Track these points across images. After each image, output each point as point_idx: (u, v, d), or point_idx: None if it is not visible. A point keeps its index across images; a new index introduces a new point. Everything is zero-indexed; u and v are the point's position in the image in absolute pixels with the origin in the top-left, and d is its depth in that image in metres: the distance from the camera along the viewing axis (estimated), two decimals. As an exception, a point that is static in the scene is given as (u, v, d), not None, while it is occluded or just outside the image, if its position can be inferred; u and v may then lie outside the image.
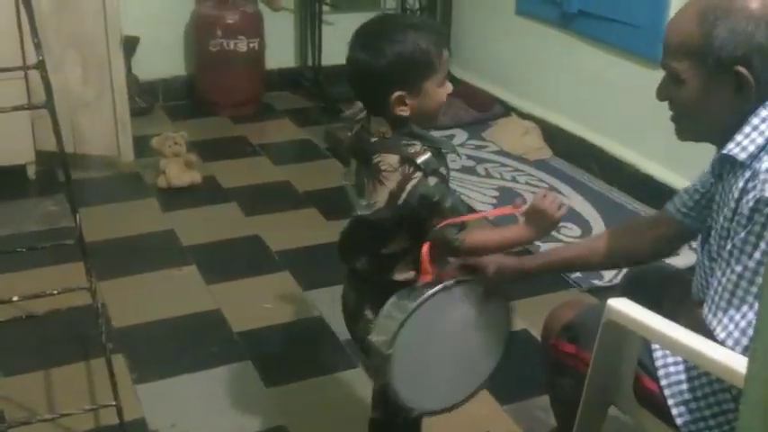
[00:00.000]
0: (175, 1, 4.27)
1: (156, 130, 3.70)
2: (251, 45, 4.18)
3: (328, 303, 2.56)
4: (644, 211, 3.25)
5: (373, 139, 1.54)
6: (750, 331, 1.27)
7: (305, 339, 2.52)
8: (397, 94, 1.48)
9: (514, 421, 2.18)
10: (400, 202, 1.48)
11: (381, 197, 1.50)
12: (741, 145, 1.36)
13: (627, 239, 1.71)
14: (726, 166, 1.42)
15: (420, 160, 1.47)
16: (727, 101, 1.37)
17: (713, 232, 1.42)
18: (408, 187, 1.47)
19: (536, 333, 2.47)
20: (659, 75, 1.47)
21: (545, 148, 3.82)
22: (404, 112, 1.50)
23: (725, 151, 1.38)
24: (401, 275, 1.58)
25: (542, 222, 1.53)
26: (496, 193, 3.40)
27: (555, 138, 3.83)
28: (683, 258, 2.85)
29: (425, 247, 1.48)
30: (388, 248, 1.57)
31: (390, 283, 1.57)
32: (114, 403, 1.93)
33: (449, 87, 1.54)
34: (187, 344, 2.45)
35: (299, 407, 2.21)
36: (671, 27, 1.42)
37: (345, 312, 1.72)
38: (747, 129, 1.36)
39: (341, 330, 2.45)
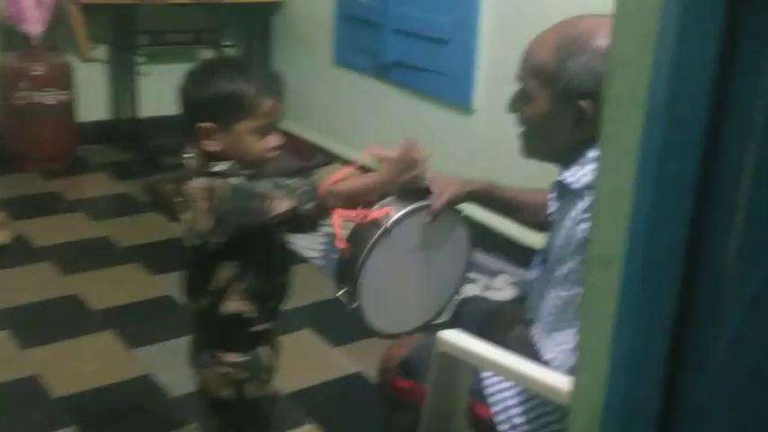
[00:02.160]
0: (-25, 52, 4.04)
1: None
2: (61, 97, 4.02)
3: (157, 360, 2.47)
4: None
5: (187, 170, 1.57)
6: (574, 354, 1.34)
7: (133, 400, 2.40)
8: (204, 124, 1.51)
9: (354, 464, 2.18)
10: (219, 208, 1.48)
11: (201, 218, 1.49)
12: (576, 175, 1.42)
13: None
14: (562, 192, 1.49)
15: (217, 168, 1.52)
16: (568, 129, 1.43)
17: (550, 255, 1.49)
18: (218, 193, 1.49)
19: (368, 375, 2.50)
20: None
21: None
22: (211, 146, 1.52)
23: (560, 178, 1.46)
24: (231, 308, 1.58)
25: (401, 165, 1.58)
26: (324, 239, 3.42)
27: (377, 183, 3.93)
28: (506, 293, 3.00)
29: (335, 216, 1.55)
30: (217, 281, 1.58)
31: (220, 319, 1.58)
32: None
33: (273, 140, 1.55)
34: (2, 415, 2.27)
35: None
36: (533, 45, 1.47)
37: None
38: (583, 160, 1.43)
39: (171, 387, 2.38)
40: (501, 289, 3.05)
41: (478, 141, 3.40)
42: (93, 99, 4.34)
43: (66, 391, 2.38)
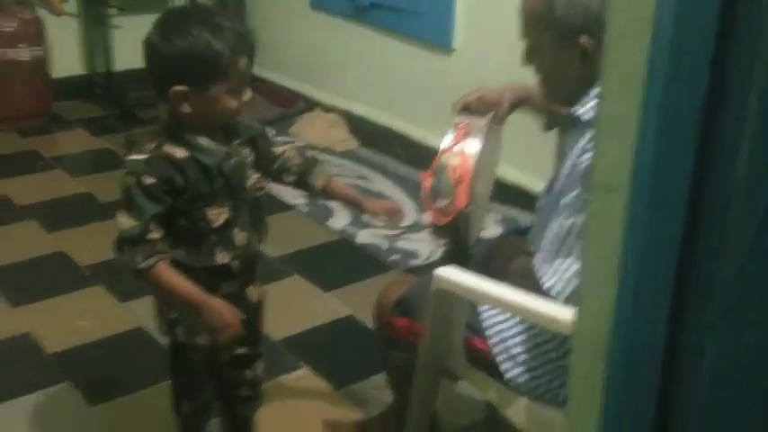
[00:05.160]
0: (-58, 9, 3.93)
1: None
2: (33, 53, 3.93)
3: (148, 313, 2.46)
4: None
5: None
6: (574, 282, 1.36)
7: (126, 352, 2.41)
8: (177, 88, 1.48)
9: (350, 403, 2.21)
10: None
11: None
12: (586, 107, 1.45)
13: None
14: (572, 124, 1.51)
15: (131, 158, 1.53)
16: (576, 68, 1.46)
17: (557, 184, 1.51)
18: (125, 180, 1.52)
19: (361, 318, 2.53)
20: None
21: (351, 139, 3.89)
22: (184, 109, 1.50)
23: (571, 111, 1.48)
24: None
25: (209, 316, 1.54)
26: (308, 187, 3.42)
27: (359, 128, 3.91)
28: (493, 230, 3.01)
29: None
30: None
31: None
32: None
33: (245, 96, 1.53)
34: (-2, 372, 2.28)
35: (128, 423, 2.12)
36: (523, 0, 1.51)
37: None
38: (593, 92, 1.45)
39: (163, 338, 2.38)
40: (486, 228, 3.06)
41: (459, 82, 3.37)
42: (66, 54, 4.25)
43: (59, 347, 2.39)
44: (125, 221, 1.51)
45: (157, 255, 1.51)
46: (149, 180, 1.49)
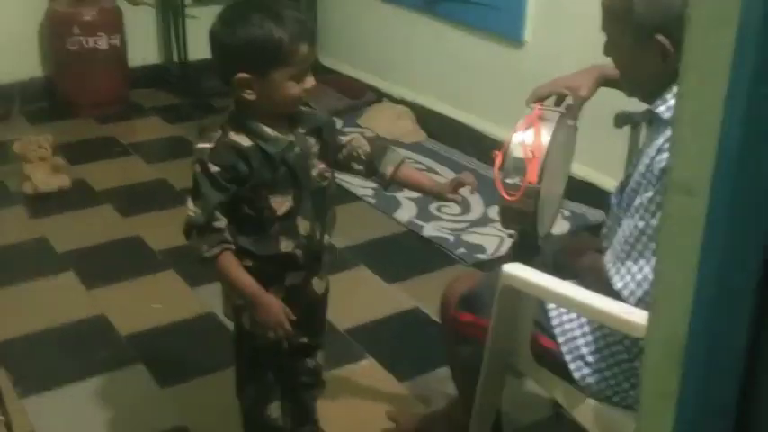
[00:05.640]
0: (26, -1, 4.07)
1: (16, 135, 3.50)
2: (111, 42, 4.04)
3: (218, 298, 2.52)
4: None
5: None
6: (645, 284, 1.34)
7: (197, 336, 2.47)
8: (240, 75, 1.51)
9: (414, 396, 2.22)
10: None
11: None
12: (668, 104, 1.43)
13: None
14: (650, 121, 1.49)
15: (199, 146, 1.56)
16: (657, 65, 1.44)
17: (631, 182, 1.49)
18: (193, 168, 1.57)
19: (427, 311, 2.53)
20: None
21: (419, 131, 3.90)
22: (248, 95, 1.53)
23: (652, 107, 1.46)
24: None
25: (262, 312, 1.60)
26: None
27: (428, 120, 3.91)
28: (560, 226, 2.98)
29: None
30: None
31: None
32: (2, 418, 1.83)
33: (308, 83, 1.55)
34: (73, 352, 2.36)
35: (198, 405, 2.17)
36: None
37: None
38: (674, 89, 1.42)
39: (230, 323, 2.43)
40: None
41: (530, 75, 3.32)
42: (143, 43, 4.35)
43: (132, 330, 2.46)
44: (192, 209, 1.56)
45: (222, 244, 1.56)
46: (214, 168, 1.53)
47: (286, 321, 1.59)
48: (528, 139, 1.55)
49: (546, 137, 1.55)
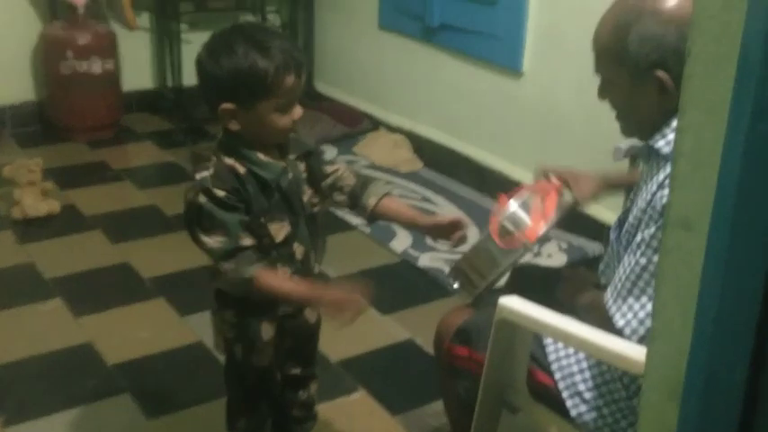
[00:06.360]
0: (20, 21, 4.05)
1: (6, 159, 3.46)
2: (105, 66, 4.02)
3: (208, 327, 2.47)
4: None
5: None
6: (648, 322, 1.31)
7: (186, 366, 2.42)
8: (225, 105, 1.48)
9: (406, 429, 2.16)
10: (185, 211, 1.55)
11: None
12: (667, 139, 1.39)
13: None
14: (648, 156, 1.46)
15: (198, 176, 1.52)
16: (655, 101, 1.40)
17: (630, 217, 1.46)
18: (188, 196, 1.52)
19: (421, 342, 2.49)
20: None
21: (415, 160, 3.87)
22: (233, 126, 1.51)
23: (651, 142, 1.42)
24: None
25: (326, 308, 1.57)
26: (370, 206, 3.40)
27: (424, 149, 3.89)
28: (557, 259, 2.95)
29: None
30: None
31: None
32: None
33: (295, 114, 1.52)
34: (59, 381, 2.30)
35: (184, 437, 2.12)
36: (595, 35, 1.46)
37: None
38: (673, 124, 1.40)
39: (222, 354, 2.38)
40: (551, 255, 3.00)
41: (528, 105, 3.33)
42: (137, 68, 4.34)
43: (120, 358, 2.40)
44: (210, 242, 1.50)
45: (257, 262, 1.51)
46: (221, 193, 1.50)
47: (352, 296, 1.52)
48: (543, 196, 1.58)
49: (560, 205, 1.59)
